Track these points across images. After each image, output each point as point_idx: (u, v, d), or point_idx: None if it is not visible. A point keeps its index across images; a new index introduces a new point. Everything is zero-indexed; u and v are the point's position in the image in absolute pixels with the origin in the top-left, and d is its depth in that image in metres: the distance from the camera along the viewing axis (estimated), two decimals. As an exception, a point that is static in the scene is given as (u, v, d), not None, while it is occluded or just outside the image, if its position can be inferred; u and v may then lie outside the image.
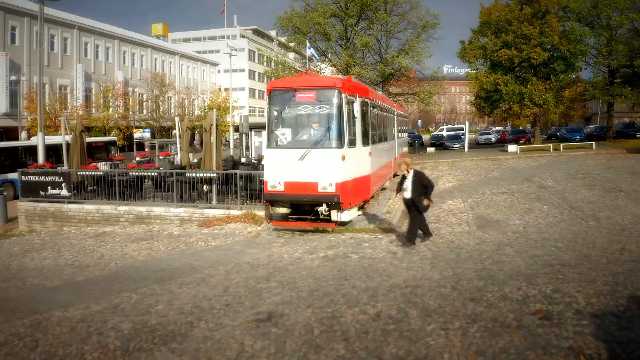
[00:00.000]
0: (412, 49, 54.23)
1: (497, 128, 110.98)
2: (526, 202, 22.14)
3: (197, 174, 21.19)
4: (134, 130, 48.68)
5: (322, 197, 16.95)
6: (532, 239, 15.48)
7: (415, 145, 59.04)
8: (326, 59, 56.84)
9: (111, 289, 12.55)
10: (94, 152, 39.83)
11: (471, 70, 61.08)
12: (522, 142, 62.95)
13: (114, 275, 14.23)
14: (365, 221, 19.21)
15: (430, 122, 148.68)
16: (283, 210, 18.29)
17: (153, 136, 77.28)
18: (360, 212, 19.59)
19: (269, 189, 17.44)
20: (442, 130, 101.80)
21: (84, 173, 23.12)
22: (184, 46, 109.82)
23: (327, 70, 61.43)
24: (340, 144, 17.07)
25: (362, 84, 20.90)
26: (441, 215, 20.29)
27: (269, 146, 17.65)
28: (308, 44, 21.54)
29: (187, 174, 21.25)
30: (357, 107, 17.82)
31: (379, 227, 18.21)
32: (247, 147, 46.20)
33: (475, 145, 70.57)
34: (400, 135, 34.65)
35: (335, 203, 17.11)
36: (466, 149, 58.31)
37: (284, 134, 17.63)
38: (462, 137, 67.83)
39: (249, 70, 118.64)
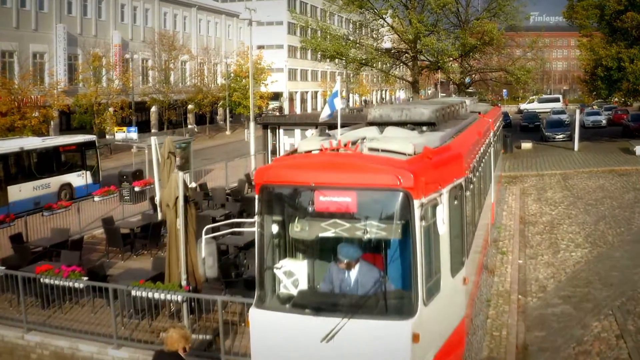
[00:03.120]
0: (502, 8, 47.34)
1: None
2: None
3: (154, 294, 14.26)
4: (117, 129, 42.36)
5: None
6: None
7: (507, 141, 51.19)
8: (385, 24, 49.79)
9: None
10: (65, 160, 34.21)
11: (583, 37, 54.38)
12: None
13: None
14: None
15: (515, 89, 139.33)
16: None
17: (160, 117, 71.67)
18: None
19: None
20: (532, 101, 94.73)
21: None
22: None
23: (386, 38, 54.26)
24: (410, 307, 9.86)
25: (451, 146, 13.23)
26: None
27: (258, 303, 10.45)
28: (337, 82, 12.85)
29: (134, 293, 14.33)
30: (444, 212, 10.39)
31: None
32: (274, 152, 40.33)
33: (582, 128, 62.63)
34: (496, 158, 27.10)
35: None
36: (576, 145, 50.06)
37: (291, 276, 10.44)
38: (566, 122, 62.36)
39: (288, 23, 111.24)
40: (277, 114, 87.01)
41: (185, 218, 14.78)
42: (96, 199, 27.26)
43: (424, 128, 14.13)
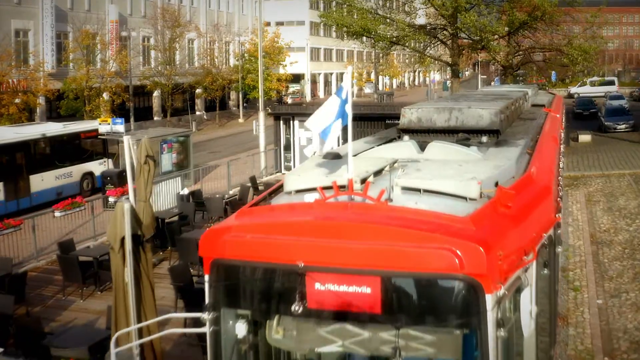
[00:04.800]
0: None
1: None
2: None
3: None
4: (100, 120, 39.48)
5: None
6: None
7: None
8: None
9: None
10: (86, 147, 34.90)
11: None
12: None
13: None
14: None
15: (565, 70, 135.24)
16: None
17: (163, 103, 68.78)
18: None
19: None
20: (584, 84, 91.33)
21: None
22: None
23: (421, 12, 50.71)
24: None
25: (532, 175, 8.89)
26: None
27: None
28: (347, 74, 8.69)
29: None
30: (532, 298, 6.58)
31: None
32: (287, 147, 37.40)
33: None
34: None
35: None
36: (643, 136, 46.74)
37: None
38: (626, 108, 58.84)
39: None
40: (289, 100, 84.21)
41: (136, 265, 11.06)
42: (57, 214, 23.64)
43: (484, 138, 10.20)
